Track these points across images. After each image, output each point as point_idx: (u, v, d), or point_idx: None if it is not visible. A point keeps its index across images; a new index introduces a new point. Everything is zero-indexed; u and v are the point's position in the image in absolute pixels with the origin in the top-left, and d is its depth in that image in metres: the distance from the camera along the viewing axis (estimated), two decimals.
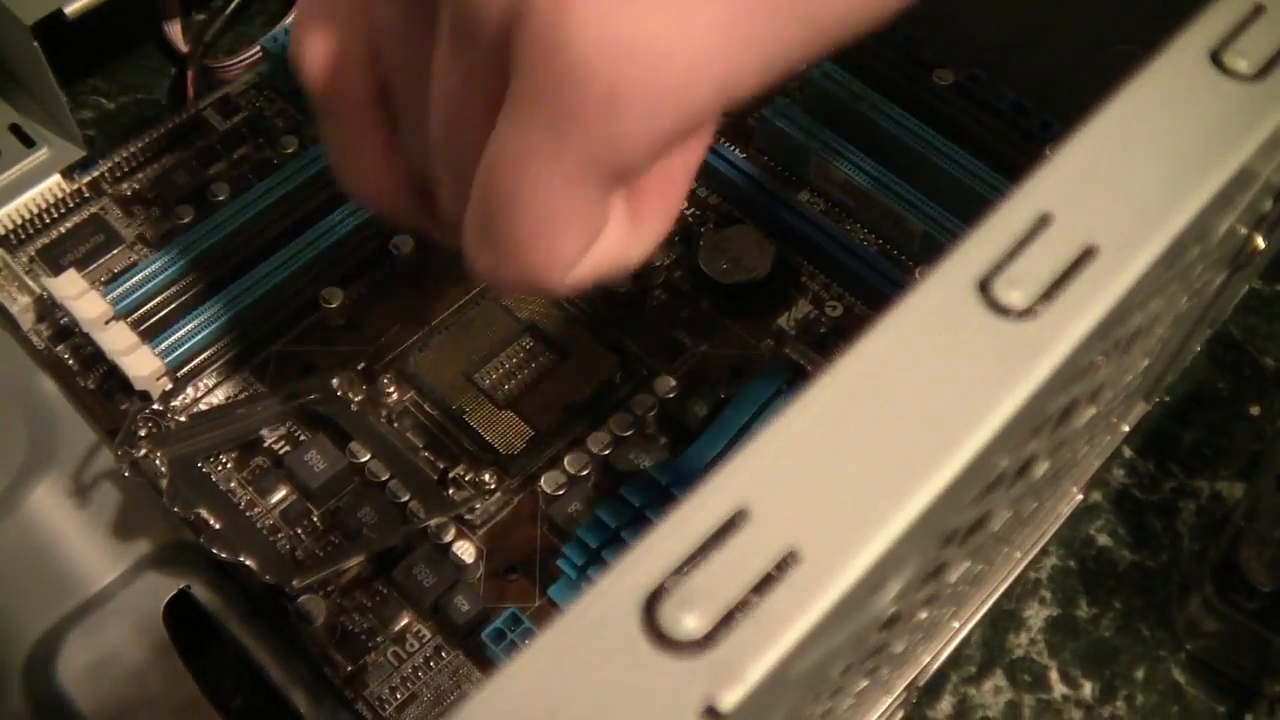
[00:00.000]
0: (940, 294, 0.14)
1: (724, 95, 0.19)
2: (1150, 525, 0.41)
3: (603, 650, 0.12)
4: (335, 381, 0.35)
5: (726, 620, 0.12)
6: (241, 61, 0.46)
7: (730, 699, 0.12)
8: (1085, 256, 0.15)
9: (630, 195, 0.23)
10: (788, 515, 0.13)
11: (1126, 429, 0.35)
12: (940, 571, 0.18)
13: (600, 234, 0.23)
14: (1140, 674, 0.38)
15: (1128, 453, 0.42)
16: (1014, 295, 0.14)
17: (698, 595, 0.13)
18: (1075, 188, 0.15)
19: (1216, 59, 0.16)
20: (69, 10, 0.39)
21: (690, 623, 0.12)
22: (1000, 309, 0.14)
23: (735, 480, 0.13)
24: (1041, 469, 0.19)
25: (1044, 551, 0.39)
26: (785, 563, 0.13)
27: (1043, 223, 0.15)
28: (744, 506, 0.13)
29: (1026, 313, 0.14)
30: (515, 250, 0.22)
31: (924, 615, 0.20)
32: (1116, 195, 0.15)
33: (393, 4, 0.24)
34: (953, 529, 0.17)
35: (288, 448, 0.35)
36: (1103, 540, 0.40)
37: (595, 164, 0.20)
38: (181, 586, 0.33)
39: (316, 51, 0.25)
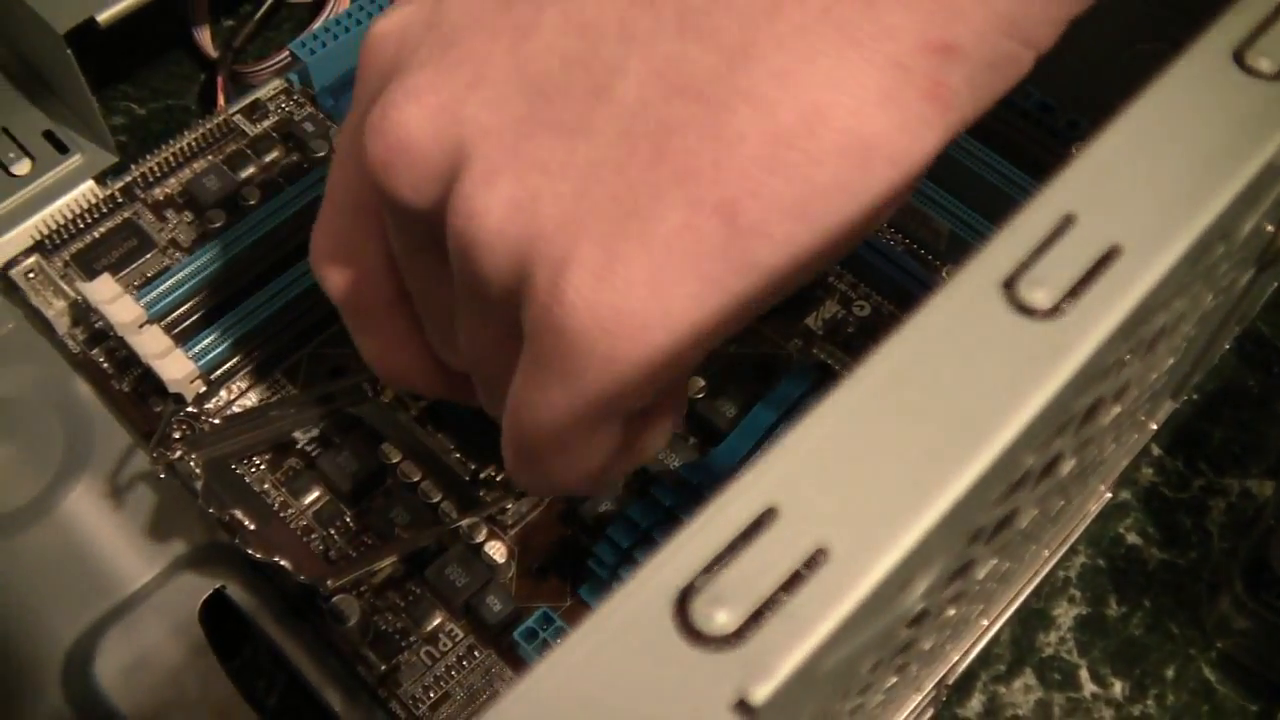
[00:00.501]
0: (965, 294, 0.15)
1: (708, 343, 0.22)
2: (1180, 523, 0.41)
3: (636, 645, 0.13)
4: (367, 383, 0.36)
5: (757, 616, 0.13)
6: (271, 66, 0.47)
7: (762, 693, 0.12)
8: (1109, 256, 0.15)
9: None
10: (817, 513, 0.13)
11: (1155, 427, 0.35)
12: (967, 569, 0.18)
13: (622, 445, 0.26)
14: (1170, 673, 0.38)
15: (1156, 451, 0.42)
16: (1038, 295, 0.15)
17: (729, 591, 0.13)
18: (1099, 188, 0.15)
19: (1239, 59, 0.17)
20: (102, 18, 0.39)
21: (722, 618, 0.13)
22: (1025, 309, 0.15)
23: (765, 478, 0.13)
24: (1067, 467, 0.19)
25: (1073, 550, 0.39)
26: (815, 560, 0.13)
27: (1067, 223, 0.15)
28: (774, 504, 0.13)
29: (1051, 312, 0.14)
30: (548, 475, 0.26)
31: (952, 612, 0.20)
32: (1140, 195, 0.15)
33: (403, 235, 0.26)
34: (979, 527, 0.17)
35: (320, 449, 0.36)
36: (1132, 539, 0.40)
37: (604, 408, 0.23)
38: (217, 587, 0.34)
39: (336, 273, 0.29)
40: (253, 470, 0.35)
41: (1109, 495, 0.37)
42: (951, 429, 0.14)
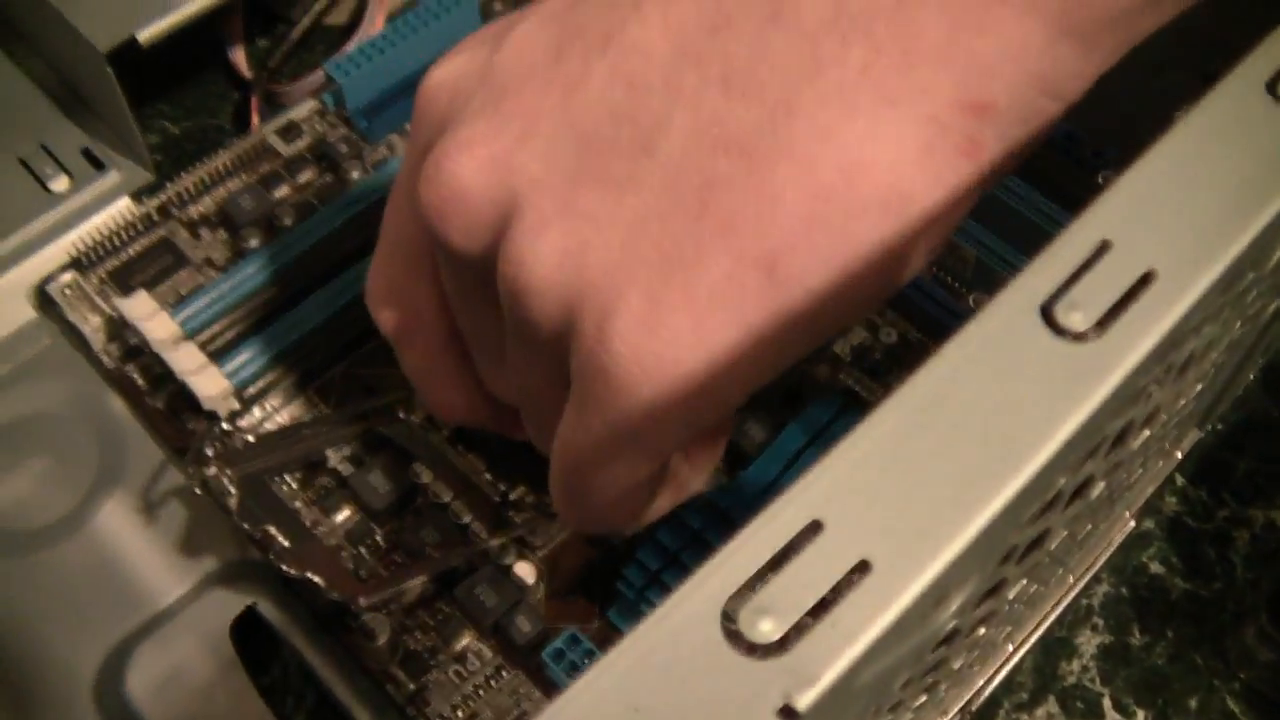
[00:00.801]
0: (1004, 316, 0.15)
1: (749, 388, 0.23)
2: (1203, 554, 0.41)
3: (684, 651, 0.13)
4: (399, 403, 0.36)
5: (802, 625, 0.13)
6: (305, 87, 0.47)
7: (806, 700, 0.13)
8: (1144, 281, 0.15)
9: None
10: (860, 527, 0.14)
11: (1180, 455, 0.35)
12: (999, 589, 0.18)
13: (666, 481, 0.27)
14: (1194, 703, 0.38)
15: (1180, 481, 0.42)
16: (1075, 318, 0.15)
17: (775, 601, 0.13)
18: (1134, 215, 0.16)
19: (1272, 89, 0.17)
20: (142, 37, 0.40)
21: (767, 627, 0.13)
22: (1062, 331, 0.15)
23: (810, 493, 0.14)
24: (1098, 490, 0.19)
25: (1096, 579, 0.40)
26: (857, 572, 0.13)
27: (1103, 249, 0.15)
28: (818, 518, 0.14)
29: (1087, 335, 0.15)
30: (594, 513, 0.27)
31: (982, 632, 0.20)
32: (1175, 222, 0.16)
33: (455, 278, 0.28)
34: (1012, 546, 0.17)
35: (351, 469, 0.36)
36: (1155, 568, 0.40)
37: (648, 449, 0.24)
38: (248, 604, 0.34)
39: (390, 314, 0.30)
40: (284, 488, 0.36)
41: (1133, 524, 0.37)
42: (990, 447, 0.14)
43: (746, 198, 0.22)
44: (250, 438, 0.35)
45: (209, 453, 0.34)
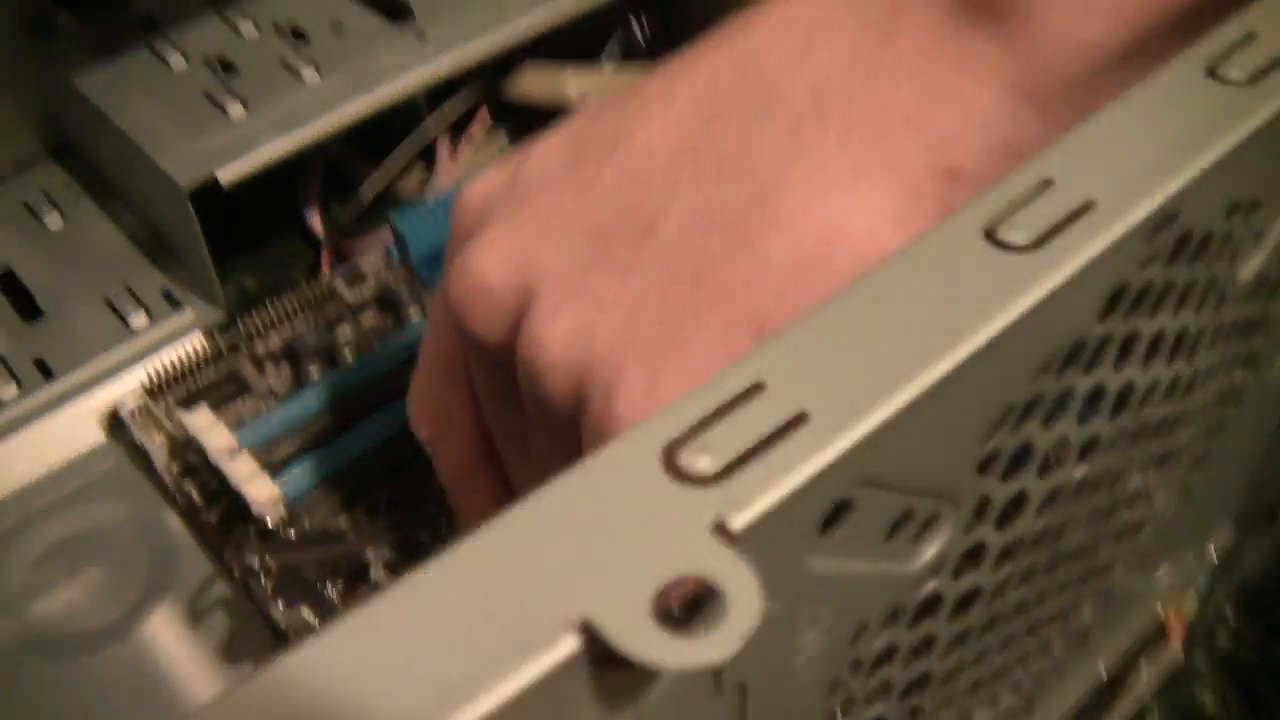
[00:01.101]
0: (950, 233, 0.16)
1: None
2: (1260, 690, 0.40)
3: (625, 481, 0.14)
4: (439, 515, 0.37)
5: (739, 462, 0.14)
6: (371, 243, 0.50)
7: (740, 521, 0.13)
8: (1083, 209, 0.16)
9: None
10: (800, 387, 0.14)
11: (1213, 551, 0.35)
12: (979, 555, 0.19)
13: None
14: None
15: (1233, 620, 0.41)
16: (1016, 236, 0.16)
17: (715, 442, 0.14)
18: (1078, 158, 0.17)
19: (1212, 72, 0.18)
20: (223, 178, 0.43)
21: (705, 462, 0.14)
22: (1002, 246, 0.16)
23: (755, 360, 0.15)
24: (1079, 472, 0.19)
25: (1147, 710, 0.39)
26: (796, 422, 0.14)
27: (1046, 184, 0.17)
28: (761, 380, 0.15)
29: (1026, 249, 0.16)
30: None
31: (974, 618, 0.20)
32: (1114, 166, 0.17)
33: (482, 371, 0.30)
34: (983, 495, 0.18)
35: (392, 577, 0.37)
36: (1209, 702, 0.39)
37: None
38: None
39: (426, 417, 0.33)
40: (326, 597, 0.37)
41: (1181, 655, 0.37)
42: (931, 328, 0.15)
43: (737, 267, 0.24)
44: (293, 533, 0.36)
45: (252, 546, 0.35)
